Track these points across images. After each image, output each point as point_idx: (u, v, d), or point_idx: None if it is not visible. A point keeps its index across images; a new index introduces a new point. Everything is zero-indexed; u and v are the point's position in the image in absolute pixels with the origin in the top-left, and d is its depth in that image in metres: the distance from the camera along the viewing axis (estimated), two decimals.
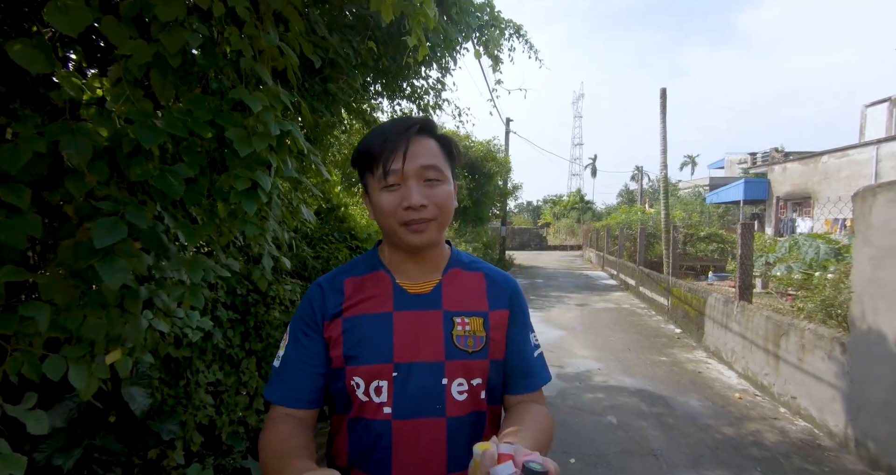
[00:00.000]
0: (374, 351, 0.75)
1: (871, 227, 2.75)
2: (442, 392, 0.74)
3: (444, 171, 0.75)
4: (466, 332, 0.77)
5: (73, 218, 1.21)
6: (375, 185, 0.75)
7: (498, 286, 0.83)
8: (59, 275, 1.28)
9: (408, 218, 0.72)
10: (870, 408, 2.71)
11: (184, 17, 1.25)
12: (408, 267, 0.80)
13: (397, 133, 0.73)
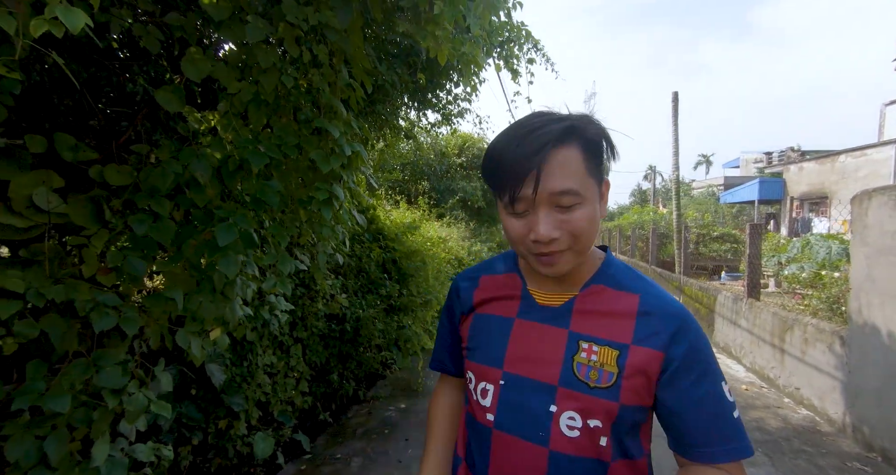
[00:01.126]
0: (487, 351, 0.72)
1: (866, 228, 2.97)
2: (548, 419, 0.65)
3: (584, 192, 0.62)
4: (592, 363, 0.65)
5: (194, 224, 1.54)
6: (503, 208, 0.67)
7: (655, 317, 0.66)
8: (182, 268, 1.62)
9: (536, 250, 0.64)
10: (865, 396, 2.93)
11: (279, 63, 1.59)
12: (543, 277, 0.73)
13: (530, 150, 0.60)
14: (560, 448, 0.65)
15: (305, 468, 2.70)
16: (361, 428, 3.23)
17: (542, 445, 0.65)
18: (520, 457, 0.66)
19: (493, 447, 0.68)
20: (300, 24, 1.56)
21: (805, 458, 2.79)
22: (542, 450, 0.65)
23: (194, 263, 1.59)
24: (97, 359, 1.35)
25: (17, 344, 1.20)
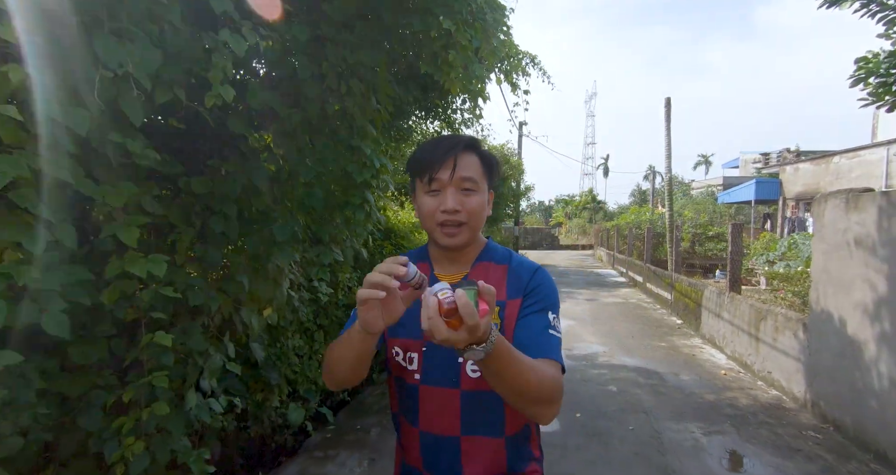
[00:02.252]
0: (409, 328, 0.87)
1: (823, 227, 3.36)
2: (457, 368, 0.85)
3: (480, 184, 0.87)
4: None
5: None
6: (421, 189, 0.87)
7: (517, 275, 0.89)
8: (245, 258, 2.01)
9: (442, 219, 0.84)
10: (821, 375, 3.32)
11: (321, 93, 1.99)
12: (443, 259, 0.93)
13: (445, 148, 0.84)
14: (467, 387, 0.84)
15: (331, 436, 3.10)
16: (376, 405, 3.63)
17: (454, 388, 0.85)
18: (440, 400, 0.85)
19: (421, 398, 0.87)
20: (339, 63, 1.96)
21: (767, 428, 3.18)
22: (454, 391, 0.85)
23: (253, 255, 2.00)
24: (188, 327, 1.76)
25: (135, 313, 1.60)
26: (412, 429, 0.89)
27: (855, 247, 2.99)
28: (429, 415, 0.87)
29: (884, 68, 3.24)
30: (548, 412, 0.77)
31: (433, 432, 0.87)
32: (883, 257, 2.75)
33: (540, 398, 0.73)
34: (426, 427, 0.87)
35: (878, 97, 3.36)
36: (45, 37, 0.85)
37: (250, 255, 2.00)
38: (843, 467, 2.65)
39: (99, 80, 0.91)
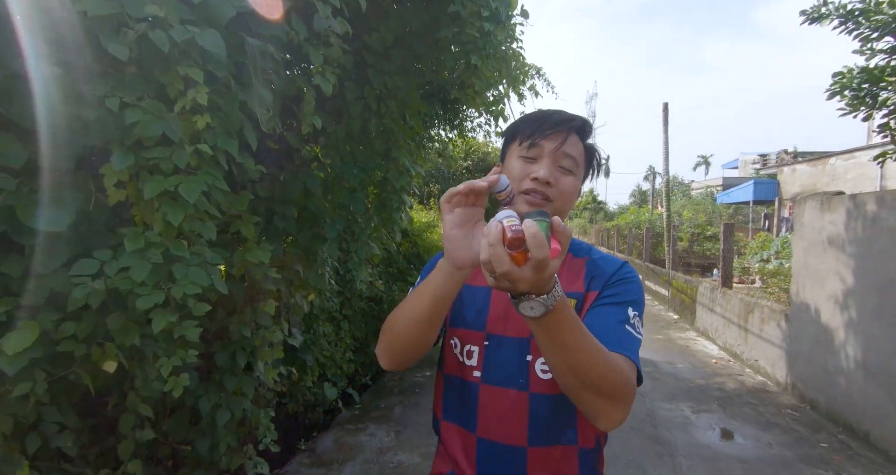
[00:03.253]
0: (470, 318, 0.80)
1: (803, 226, 3.71)
2: (526, 367, 0.75)
3: (579, 168, 0.79)
4: None
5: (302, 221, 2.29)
6: (515, 153, 0.78)
7: (599, 269, 0.79)
8: (298, 252, 2.37)
9: (530, 186, 0.74)
10: (800, 360, 3.67)
11: (364, 112, 2.35)
12: None
13: (558, 120, 0.76)
14: (537, 389, 0.74)
15: (358, 413, 3.46)
16: (396, 388, 3.99)
17: (522, 390, 0.74)
18: (505, 402, 0.75)
19: (481, 399, 0.76)
20: (379, 86, 2.31)
21: (750, 407, 3.53)
22: (522, 394, 0.74)
23: (305, 248, 2.36)
24: (256, 307, 2.12)
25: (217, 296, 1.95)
26: (468, 436, 0.78)
27: (828, 244, 3.34)
28: (490, 420, 0.76)
29: (856, 83, 3.59)
30: (612, 411, 0.63)
31: (495, 440, 0.76)
32: (850, 253, 3.10)
33: (604, 387, 0.60)
34: (486, 433, 0.76)
35: (854, 107, 3.71)
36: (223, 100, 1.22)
37: (303, 248, 2.36)
38: (813, 437, 3.01)
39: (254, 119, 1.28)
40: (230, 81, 1.28)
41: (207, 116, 1.21)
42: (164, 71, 1.17)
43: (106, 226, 1.34)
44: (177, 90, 1.20)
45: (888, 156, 3.49)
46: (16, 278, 1.12)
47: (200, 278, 1.30)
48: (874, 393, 2.83)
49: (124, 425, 1.55)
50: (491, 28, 1.99)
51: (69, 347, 1.24)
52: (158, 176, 1.22)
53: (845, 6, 3.60)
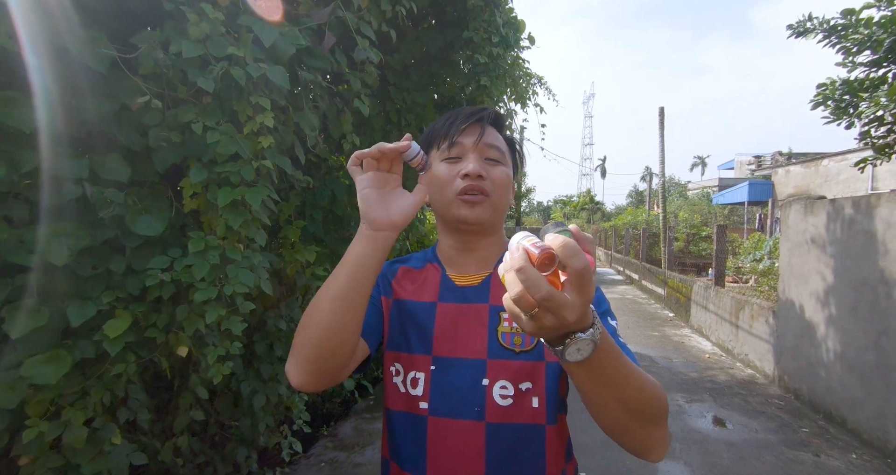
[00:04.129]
0: (413, 339, 0.71)
1: (788, 228, 3.96)
2: (482, 393, 0.66)
3: (506, 157, 0.73)
4: (514, 329, 0.68)
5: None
6: (437, 159, 0.72)
7: None
8: (328, 252, 2.59)
9: (463, 185, 0.68)
10: (786, 353, 3.92)
11: (385, 125, 2.58)
12: (459, 258, 0.75)
13: (469, 113, 0.72)
14: (495, 418, 0.65)
15: (373, 403, 3.68)
16: None
17: (478, 420, 0.65)
18: (457, 437, 0.65)
19: (430, 434, 0.66)
20: (399, 102, 2.54)
21: (739, 398, 3.78)
22: (478, 424, 0.65)
23: (333, 249, 2.59)
24: (290, 302, 2.34)
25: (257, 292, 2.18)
26: None
27: (811, 245, 3.59)
28: (441, 459, 0.66)
29: (838, 94, 3.84)
30: (663, 436, 0.55)
31: None
32: (830, 254, 3.35)
33: (655, 413, 0.53)
34: (436, 473, 0.66)
35: (837, 116, 3.96)
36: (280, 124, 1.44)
37: (330, 249, 2.58)
38: (796, 424, 3.25)
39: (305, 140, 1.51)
40: (288, 108, 1.50)
41: (270, 137, 1.44)
42: (238, 100, 1.39)
43: (180, 230, 1.56)
44: (246, 115, 1.43)
45: (868, 162, 3.75)
46: (118, 275, 1.34)
47: (248, 279, 1.52)
48: (850, 382, 3.07)
49: (182, 403, 1.77)
50: (500, 52, 2.22)
51: (152, 334, 1.47)
52: (226, 187, 1.45)
53: (829, 21, 3.84)
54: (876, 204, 2.96)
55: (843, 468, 2.64)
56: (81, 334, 1.32)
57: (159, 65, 1.29)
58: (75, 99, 1.19)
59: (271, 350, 2.23)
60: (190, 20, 1.28)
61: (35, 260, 1.14)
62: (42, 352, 1.20)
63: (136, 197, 1.34)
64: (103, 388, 1.38)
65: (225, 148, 1.37)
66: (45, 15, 1.09)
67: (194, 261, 1.41)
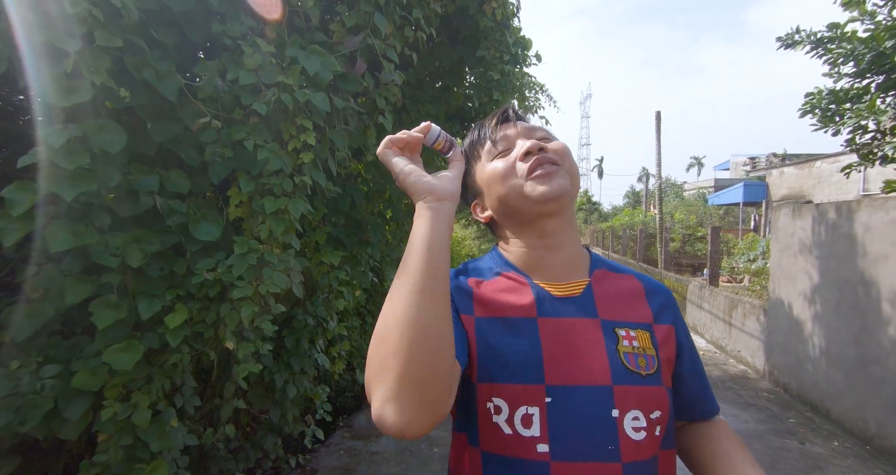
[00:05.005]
0: (518, 368, 0.55)
1: (778, 230, 4.16)
2: (613, 427, 0.53)
3: (551, 136, 0.66)
4: (635, 349, 0.58)
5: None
6: (485, 163, 0.65)
7: (657, 294, 0.65)
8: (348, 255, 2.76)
9: (530, 162, 0.59)
10: (776, 349, 4.13)
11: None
12: (545, 261, 0.62)
13: (495, 116, 0.67)
14: (632, 457, 0.53)
15: None
16: None
17: (614, 461, 0.52)
18: None
19: None
20: (414, 113, 2.72)
21: (732, 392, 3.98)
22: (615, 466, 0.52)
23: (353, 252, 2.77)
24: (314, 300, 2.52)
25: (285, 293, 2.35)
26: None
27: (798, 247, 3.80)
28: None
29: (824, 104, 4.05)
30: None
31: None
32: (816, 255, 3.55)
33: None
34: None
35: (824, 124, 4.18)
36: (318, 142, 1.63)
37: (350, 252, 2.76)
38: (784, 415, 3.46)
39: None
40: (325, 127, 1.69)
41: (311, 153, 1.63)
42: (284, 121, 1.57)
43: (225, 235, 1.74)
44: (289, 134, 1.61)
45: (853, 168, 3.95)
46: (179, 275, 1.52)
47: (281, 281, 1.70)
48: (834, 376, 3.28)
49: (227, 392, 1.95)
50: (511, 69, 2.40)
51: (201, 329, 1.65)
52: (269, 197, 1.63)
53: (816, 34, 4.05)
54: (856, 209, 3.16)
55: (826, 454, 2.84)
56: (146, 327, 1.50)
57: (218, 90, 1.47)
58: (151, 123, 1.37)
59: (298, 344, 2.41)
60: (245, 52, 1.46)
61: (116, 262, 1.32)
62: (119, 341, 1.38)
63: (195, 206, 1.52)
64: (164, 376, 1.55)
65: (272, 163, 1.55)
66: (132, 53, 1.28)
67: (235, 262, 1.59)
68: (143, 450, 1.51)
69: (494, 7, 2.38)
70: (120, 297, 1.36)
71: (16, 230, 1.16)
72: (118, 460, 1.43)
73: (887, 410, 2.76)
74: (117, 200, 1.34)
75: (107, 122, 1.25)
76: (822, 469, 2.67)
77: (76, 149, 1.20)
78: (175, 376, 1.60)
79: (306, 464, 2.66)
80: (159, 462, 1.52)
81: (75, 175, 1.19)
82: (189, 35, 1.47)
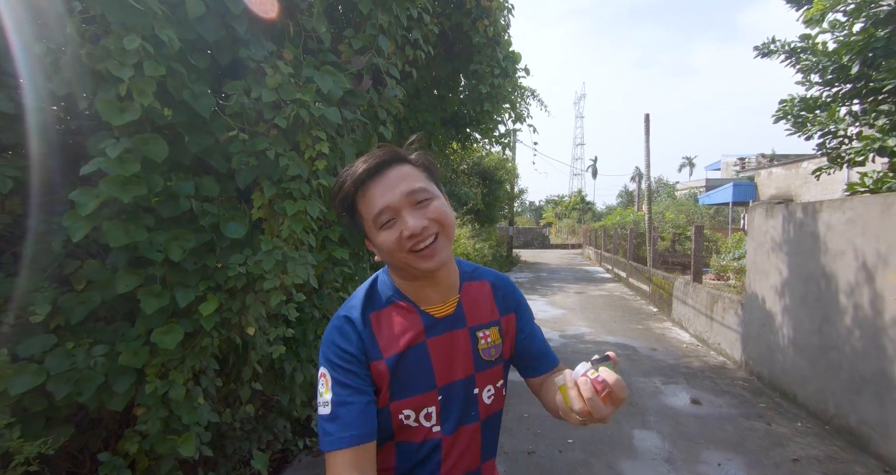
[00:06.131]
0: (418, 383, 0.76)
1: (753, 229, 4.44)
2: (475, 400, 0.80)
3: (430, 189, 0.73)
4: (489, 344, 0.82)
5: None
6: (373, 228, 0.73)
7: (501, 291, 0.87)
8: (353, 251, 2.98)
9: (413, 247, 0.70)
10: (751, 341, 4.41)
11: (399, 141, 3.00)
12: (427, 293, 0.78)
13: (368, 174, 0.71)
14: (486, 413, 0.82)
15: None
16: None
17: (475, 422, 0.80)
18: (463, 440, 0.79)
19: (444, 450, 0.78)
20: (412, 121, 2.94)
21: (710, 380, 4.25)
22: (476, 425, 0.81)
23: (355, 249, 2.98)
24: (322, 294, 2.73)
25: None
26: None
27: (771, 244, 4.07)
28: (452, 463, 0.79)
29: (796, 110, 4.32)
30: None
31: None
32: (785, 252, 3.82)
33: None
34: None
35: (797, 129, 4.45)
36: (330, 151, 1.84)
37: (353, 249, 2.98)
38: (755, 400, 3.73)
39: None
40: (335, 137, 1.90)
41: (324, 161, 1.84)
42: (301, 132, 1.79)
43: (248, 233, 1.96)
44: (306, 144, 1.83)
45: (823, 170, 4.23)
46: (211, 268, 1.73)
47: (302, 273, 1.92)
48: (800, 363, 3.55)
49: (245, 375, 2.16)
50: (501, 82, 2.63)
51: (228, 316, 1.86)
52: (289, 200, 1.85)
53: (790, 44, 4.33)
54: (819, 209, 3.43)
55: (789, 433, 3.11)
56: (181, 314, 1.71)
57: (244, 107, 1.69)
58: (188, 136, 1.58)
59: (305, 335, 2.62)
60: (267, 73, 1.68)
61: (161, 256, 1.53)
62: (160, 326, 1.59)
63: (223, 208, 1.73)
64: (195, 357, 1.77)
65: (292, 170, 1.77)
66: (172, 77, 1.49)
67: (264, 257, 1.81)
68: (177, 423, 1.72)
69: (486, 24, 2.61)
70: (162, 288, 1.57)
71: (82, 227, 1.37)
72: (156, 430, 1.64)
73: (844, 392, 3.03)
74: (160, 203, 1.55)
75: (152, 136, 1.46)
76: (783, 446, 2.93)
77: (128, 159, 1.41)
78: (204, 358, 1.81)
79: (313, 446, 2.88)
80: (188, 435, 1.73)
81: (129, 181, 1.41)
82: (218, 59, 1.68)
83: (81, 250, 1.70)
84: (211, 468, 2.21)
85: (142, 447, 1.62)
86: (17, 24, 1.29)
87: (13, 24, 1.28)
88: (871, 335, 2.82)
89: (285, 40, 1.79)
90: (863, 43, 3.43)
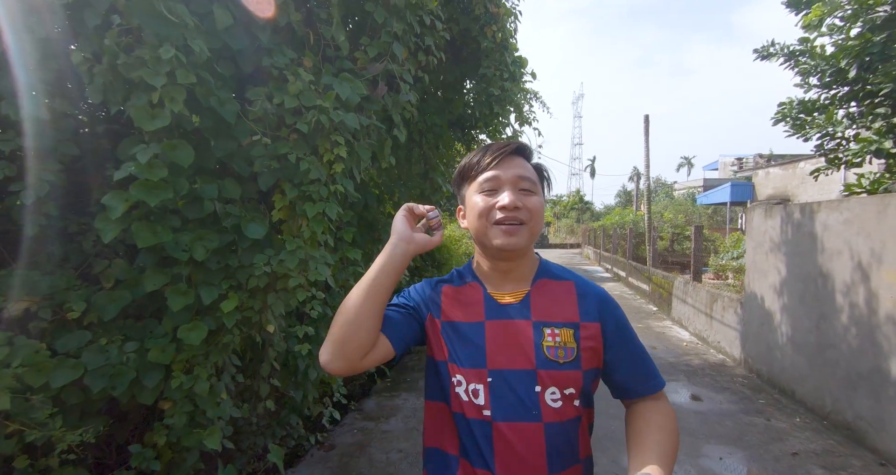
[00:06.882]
0: (470, 356, 0.80)
1: (752, 229, 4.52)
2: (536, 399, 0.77)
3: (538, 187, 0.82)
4: (556, 343, 0.80)
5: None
6: (473, 191, 0.82)
7: (587, 297, 0.85)
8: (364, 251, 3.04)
9: (500, 216, 0.78)
10: (750, 339, 4.49)
11: (409, 143, 3.04)
12: (498, 279, 0.85)
13: (497, 148, 0.82)
14: (550, 418, 0.77)
15: (390, 384, 4.15)
16: (417, 366, 4.69)
17: (536, 422, 0.77)
18: (521, 437, 0.76)
19: (496, 437, 0.77)
20: (421, 124, 3.01)
21: (710, 377, 4.33)
22: (537, 425, 0.77)
23: (366, 249, 3.05)
24: (333, 292, 2.79)
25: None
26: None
27: (769, 244, 4.15)
28: (508, 458, 0.77)
29: (795, 113, 4.40)
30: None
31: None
32: (784, 252, 3.91)
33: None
34: (505, 471, 0.77)
35: (796, 131, 4.53)
36: (347, 155, 1.91)
37: (363, 249, 3.04)
38: (754, 397, 3.81)
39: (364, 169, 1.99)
40: (353, 142, 1.97)
41: (342, 164, 1.91)
42: (321, 137, 1.85)
43: (269, 235, 2.02)
44: (325, 148, 1.89)
45: (821, 171, 4.31)
46: (233, 268, 1.79)
47: (323, 271, 1.99)
48: (798, 361, 3.63)
49: (263, 371, 2.23)
50: (509, 86, 2.70)
51: (249, 314, 1.92)
52: (309, 203, 1.91)
53: (789, 47, 4.40)
54: (817, 210, 3.51)
55: (787, 428, 3.19)
56: (204, 312, 1.77)
57: (266, 112, 1.75)
58: (214, 141, 1.65)
59: (318, 333, 2.68)
60: (289, 80, 1.74)
61: (186, 256, 1.59)
62: (185, 323, 1.65)
63: (245, 210, 1.80)
64: (218, 354, 1.83)
65: (312, 173, 1.83)
66: (200, 85, 1.55)
67: (287, 257, 1.87)
68: (202, 417, 1.78)
69: (494, 30, 2.68)
70: (187, 286, 1.63)
71: (112, 229, 1.43)
72: (182, 424, 1.70)
73: (841, 388, 3.11)
74: (185, 205, 1.61)
75: (179, 142, 1.52)
76: (783, 440, 3.01)
77: (157, 164, 1.47)
78: (225, 355, 1.87)
79: (325, 441, 2.94)
80: (214, 428, 1.80)
81: (157, 185, 1.47)
82: (241, 66, 1.74)
83: (109, 250, 1.76)
84: (228, 461, 2.28)
85: (169, 439, 1.69)
86: (54, 35, 1.35)
87: (51, 37, 1.34)
88: (867, 333, 2.90)
89: (305, 48, 1.86)
90: (860, 47, 3.51)
